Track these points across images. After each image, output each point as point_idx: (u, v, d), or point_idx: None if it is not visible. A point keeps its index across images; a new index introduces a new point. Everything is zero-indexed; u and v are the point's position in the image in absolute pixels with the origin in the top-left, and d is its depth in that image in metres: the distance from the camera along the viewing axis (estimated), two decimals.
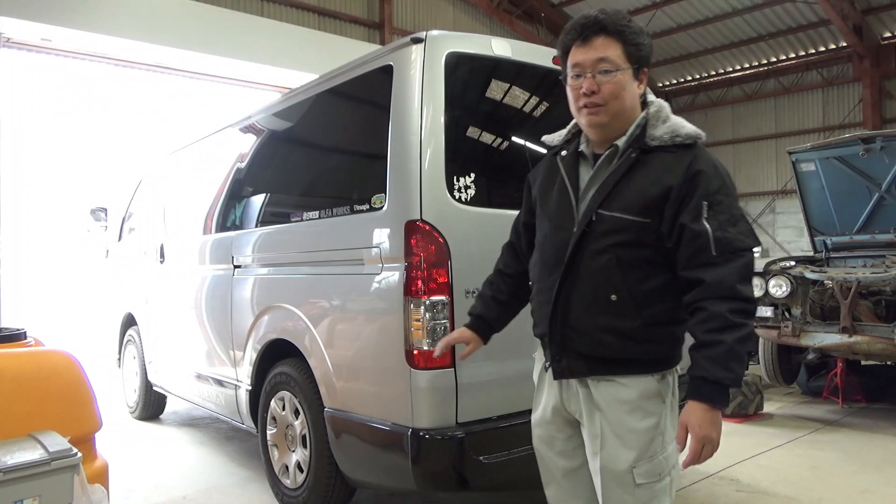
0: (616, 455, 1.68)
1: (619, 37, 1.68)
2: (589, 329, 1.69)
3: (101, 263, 6.57)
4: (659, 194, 1.63)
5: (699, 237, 1.59)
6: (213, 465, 4.20)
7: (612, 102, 1.68)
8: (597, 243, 1.67)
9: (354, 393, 2.84)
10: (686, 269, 1.63)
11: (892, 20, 14.47)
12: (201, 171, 4.60)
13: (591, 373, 1.71)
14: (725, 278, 1.57)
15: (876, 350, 4.97)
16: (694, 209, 1.60)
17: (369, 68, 2.94)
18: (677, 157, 1.66)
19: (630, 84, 1.70)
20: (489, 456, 2.52)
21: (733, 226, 1.61)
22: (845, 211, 6.28)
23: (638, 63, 1.70)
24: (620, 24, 1.68)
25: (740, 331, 1.55)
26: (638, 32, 1.70)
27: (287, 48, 10.65)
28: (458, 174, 2.64)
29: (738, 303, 1.56)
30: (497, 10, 15.51)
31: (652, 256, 1.66)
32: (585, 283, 1.69)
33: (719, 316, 1.55)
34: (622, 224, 1.65)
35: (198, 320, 4.24)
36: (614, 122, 1.70)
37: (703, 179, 1.62)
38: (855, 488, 3.67)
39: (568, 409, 1.80)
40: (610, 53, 1.67)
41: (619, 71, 1.67)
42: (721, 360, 1.54)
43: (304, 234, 3.24)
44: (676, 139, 1.68)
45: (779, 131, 16.69)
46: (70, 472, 1.96)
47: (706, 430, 1.56)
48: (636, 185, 1.66)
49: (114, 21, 9.02)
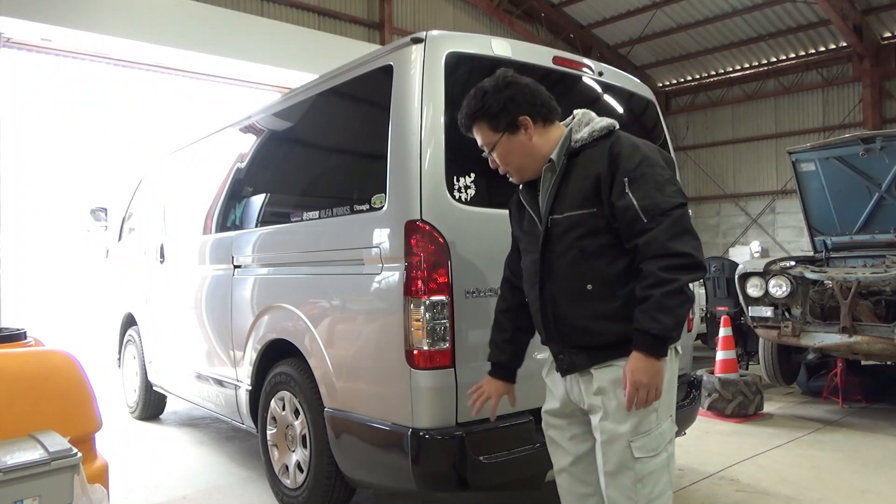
0: (615, 430, 1.84)
1: (481, 119, 1.96)
2: (578, 320, 1.88)
3: (101, 263, 6.57)
4: (592, 184, 1.84)
5: (628, 210, 1.77)
6: (213, 465, 4.20)
7: (513, 164, 1.99)
8: (559, 244, 1.89)
9: (354, 393, 2.84)
10: (629, 242, 1.80)
11: (892, 20, 14.46)
12: (201, 171, 4.60)
13: (592, 362, 1.88)
14: (656, 237, 1.73)
15: (876, 350, 4.97)
16: (618, 186, 1.80)
17: (369, 68, 2.94)
18: (599, 148, 1.88)
19: (513, 143, 1.95)
20: (489, 456, 2.52)
21: (659, 191, 1.77)
22: (845, 211, 6.28)
23: (506, 129, 1.94)
24: (474, 110, 1.96)
25: (670, 285, 1.69)
26: (489, 104, 1.93)
27: (287, 48, 10.65)
28: (459, 174, 2.64)
29: (670, 259, 1.71)
30: (497, 10, 15.49)
31: (611, 241, 1.84)
32: (561, 280, 1.90)
33: (651, 273, 1.72)
34: (572, 221, 1.86)
35: (198, 320, 4.24)
36: (528, 167, 1.98)
37: (620, 160, 1.81)
38: (855, 488, 3.67)
39: (573, 399, 1.99)
40: (484, 136, 1.99)
41: (497, 144, 1.97)
42: (650, 312, 1.71)
43: (304, 234, 3.24)
44: (594, 134, 1.90)
45: (779, 131, 16.67)
46: (70, 472, 1.96)
47: (637, 374, 1.74)
48: (573, 184, 1.89)
49: (114, 21, 9.02)
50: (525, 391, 2.37)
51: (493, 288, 2.67)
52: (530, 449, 2.59)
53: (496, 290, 2.67)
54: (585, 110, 2.00)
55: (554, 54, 3.01)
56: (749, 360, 7.06)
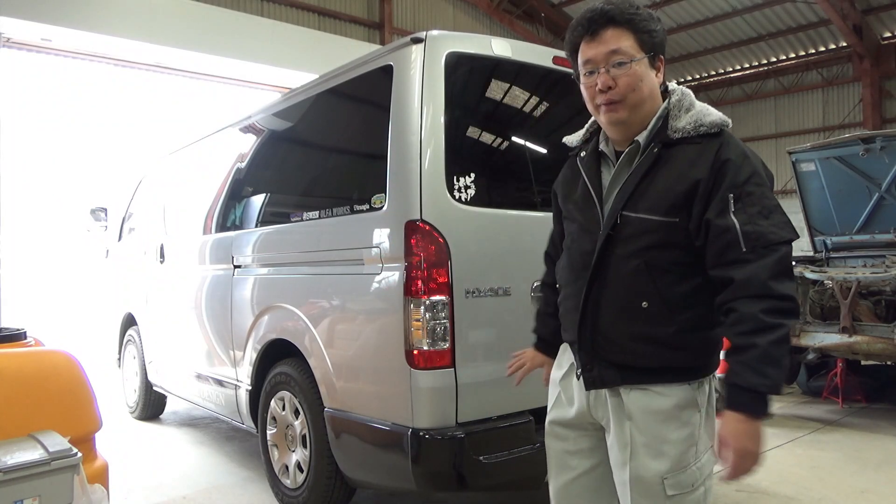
0: (647, 466, 1.57)
1: (629, 26, 1.57)
2: (620, 337, 1.60)
3: (101, 263, 6.57)
4: (685, 191, 1.52)
5: (726, 232, 1.47)
6: (213, 465, 4.20)
7: (631, 95, 1.57)
8: (624, 247, 1.58)
9: (354, 393, 2.84)
10: (715, 268, 1.51)
11: (892, 20, 14.47)
12: (201, 171, 4.60)
13: (623, 382, 1.61)
14: (757, 275, 1.44)
15: (876, 350, 4.97)
16: (720, 202, 1.49)
17: (369, 68, 2.94)
18: (702, 148, 1.55)
19: (647, 74, 1.59)
20: (489, 456, 2.52)
21: (765, 218, 1.48)
22: (845, 211, 6.28)
23: (653, 51, 1.59)
24: (629, 13, 1.58)
25: (775, 332, 1.42)
26: (649, 19, 1.60)
27: (287, 48, 10.66)
28: (458, 174, 2.64)
29: (773, 301, 1.43)
30: (497, 10, 15.50)
31: (683, 258, 1.56)
32: (614, 289, 1.60)
33: (751, 317, 1.43)
34: (649, 226, 1.55)
35: (198, 320, 4.24)
36: (634, 116, 1.60)
37: (730, 169, 1.50)
38: (855, 488, 3.67)
39: (594, 415, 1.70)
40: (622, 44, 1.56)
41: (634, 61, 1.57)
42: (755, 364, 1.42)
43: (304, 234, 3.24)
44: (701, 129, 1.56)
45: (779, 131, 16.68)
46: (70, 472, 1.96)
47: (742, 441, 1.43)
48: (660, 182, 1.56)
49: (114, 21, 9.03)
50: (525, 391, 2.37)
51: (494, 288, 2.67)
52: (530, 449, 2.58)
53: (496, 290, 2.68)
54: (685, 89, 1.67)
55: (554, 54, 3.01)
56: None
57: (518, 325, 2.77)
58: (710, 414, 1.65)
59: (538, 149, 3.00)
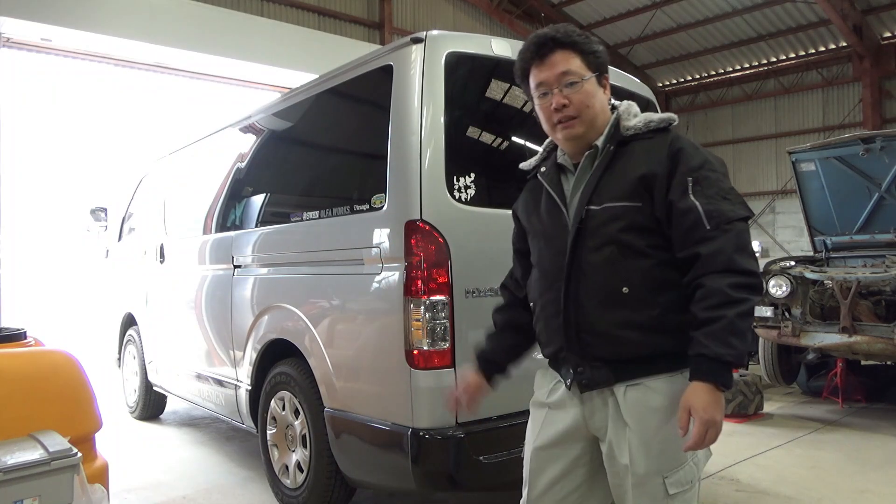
0: (648, 466, 1.58)
1: (574, 48, 1.69)
2: (606, 328, 1.61)
3: (101, 263, 6.57)
4: (642, 175, 1.61)
5: (689, 213, 1.55)
6: (213, 465, 4.20)
7: (585, 112, 1.68)
8: (593, 239, 1.63)
9: (354, 393, 2.84)
10: (682, 249, 1.57)
11: (892, 20, 14.46)
12: (201, 171, 4.60)
13: (617, 379, 1.61)
14: (722, 250, 1.51)
15: (876, 350, 4.97)
16: (679, 185, 1.58)
17: (369, 68, 2.94)
18: (654, 141, 1.66)
19: (597, 91, 1.71)
20: (489, 456, 2.53)
21: (724, 199, 1.57)
22: (845, 211, 6.28)
23: (598, 70, 1.71)
24: (573, 37, 1.70)
25: (741, 305, 1.48)
26: (591, 42, 1.72)
27: (287, 48, 10.65)
28: (458, 174, 2.64)
29: (738, 276, 1.50)
30: (497, 10, 15.51)
31: (655, 241, 1.61)
32: (592, 280, 1.62)
33: (718, 291, 1.49)
34: (613, 212, 1.61)
35: (198, 320, 4.24)
36: (590, 130, 1.70)
37: (683, 157, 1.61)
38: (855, 488, 3.67)
39: (591, 426, 1.68)
40: (571, 66, 1.68)
41: (585, 80, 1.68)
42: (721, 335, 1.47)
43: (304, 233, 3.24)
44: (651, 124, 1.68)
45: (779, 131, 16.67)
46: (70, 472, 1.96)
47: (710, 412, 1.46)
48: (619, 174, 1.64)
49: (114, 21, 9.02)
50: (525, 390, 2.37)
51: (493, 288, 2.66)
52: None
53: (496, 290, 2.67)
54: (630, 101, 1.78)
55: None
56: (749, 359, 7.06)
57: None
58: None
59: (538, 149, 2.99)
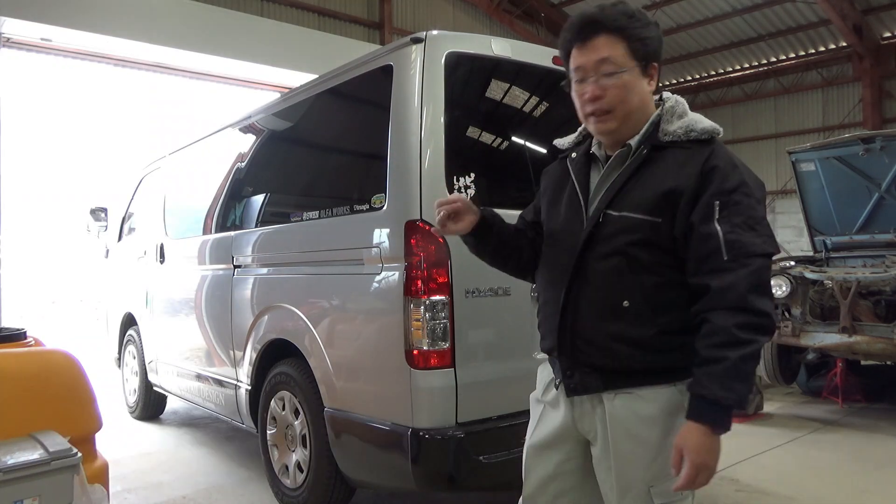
0: (633, 474, 1.54)
1: (621, 34, 1.53)
2: (599, 338, 1.55)
3: (101, 263, 6.57)
4: (669, 191, 1.49)
5: (709, 239, 1.44)
6: (213, 465, 4.20)
7: (620, 107, 1.54)
8: (604, 246, 1.54)
9: (354, 393, 2.84)
10: (695, 276, 1.47)
11: (892, 20, 14.46)
12: (201, 171, 4.60)
13: (606, 387, 1.56)
14: (735, 286, 1.41)
15: (876, 350, 4.96)
16: (705, 208, 1.46)
17: (369, 68, 2.94)
18: (692, 153, 1.52)
19: (638, 83, 1.56)
20: (489, 456, 2.52)
21: (751, 229, 1.44)
22: (845, 211, 6.28)
23: (645, 59, 1.55)
24: (621, 20, 1.53)
25: (746, 347, 1.39)
26: (643, 25, 1.55)
27: (287, 48, 10.65)
28: (458, 174, 2.64)
29: (747, 316, 1.40)
30: (497, 10, 15.51)
31: (665, 260, 1.51)
32: (594, 288, 1.55)
33: (724, 330, 1.40)
34: (630, 223, 1.51)
35: (198, 320, 4.24)
36: (624, 126, 1.57)
37: (717, 176, 1.47)
38: (855, 488, 3.67)
39: (580, 428, 1.64)
40: (612, 53, 1.52)
41: (624, 71, 1.53)
42: (722, 377, 1.39)
43: (304, 233, 3.24)
44: (692, 134, 1.54)
45: (779, 131, 16.68)
46: (70, 472, 1.96)
47: (703, 456, 1.40)
48: (646, 182, 1.53)
49: (114, 21, 9.02)
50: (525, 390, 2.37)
51: (493, 288, 2.67)
52: None
53: (496, 290, 2.68)
54: (678, 97, 1.63)
55: (554, 54, 3.00)
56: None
57: (518, 325, 2.78)
58: None
59: (538, 149, 3.00)
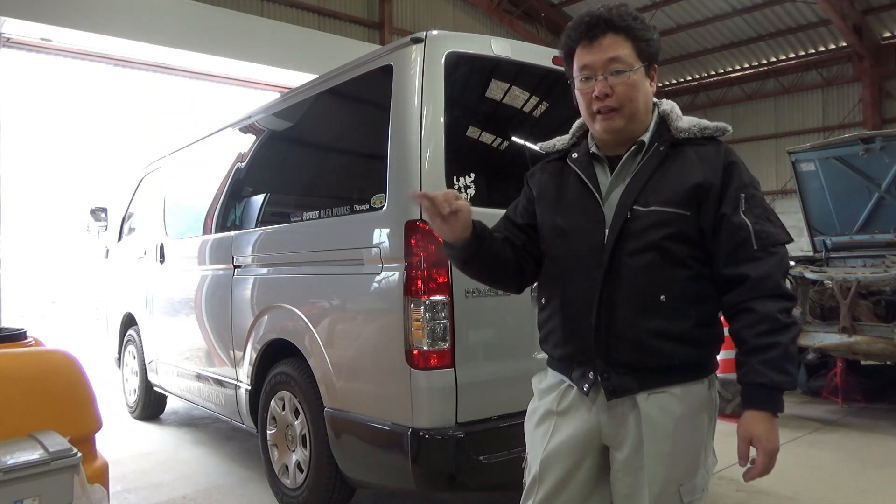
0: (665, 475, 1.53)
1: (627, 34, 1.57)
2: (637, 336, 1.53)
3: (101, 263, 6.57)
4: (699, 184, 1.53)
5: (740, 230, 1.51)
6: (213, 465, 4.20)
7: (628, 105, 1.57)
8: (636, 242, 1.53)
9: (354, 393, 2.84)
10: (728, 266, 1.53)
11: (892, 20, 14.47)
12: (201, 171, 4.60)
13: (641, 387, 1.54)
14: (771, 274, 1.49)
15: (876, 350, 4.96)
16: (733, 200, 1.53)
17: (369, 68, 2.94)
18: (707, 149, 1.58)
19: (643, 83, 1.60)
20: (489, 456, 2.52)
21: (769, 220, 1.54)
22: (845, 211, 6.28)
23: (649, 60, 1.60)
24: (629, 21, 1.57)
25: (791, 331, 1.48)
26: (646, 27, 1.61)
27: (287, 48, 10.66)
28: (459, 174, 2.64)
29: (785, 301, 1.50)
30: (497, 10, 15.52)
31: (695, 253, 1.55)
32: (629, 285, 1.53)
33: (770, 317, 1.47)
34: (663, 218, 1.53)
35: (198, 320, 4.24)
36: (630, 125, 1.60)
37: (736, 171, 1.55)
38: (855, 488, 3.67)
39: (603, 434, 1.60)
40: (621, 52, 1.56)
41: (632, 70, 1.56)
42: (778, 362, 1.45)
43: (304, 233, 3.24)
44: (705, 131, 1.60)
45: (779, 131, 16.70)
46: (70, 472, 1.96)
47: (773, 441, 1.47)
48: (672, 177, 1.56)
49: (114, 21, 9.03)
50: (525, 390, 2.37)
51: None
52: None
53: (496, 290, 2.68)
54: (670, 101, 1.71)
55: (554, 54, 3.00)
56: None
57: (518, 324, 2.78)
58: (715, 415, 1.66)
59: (538, 149, 2.99)
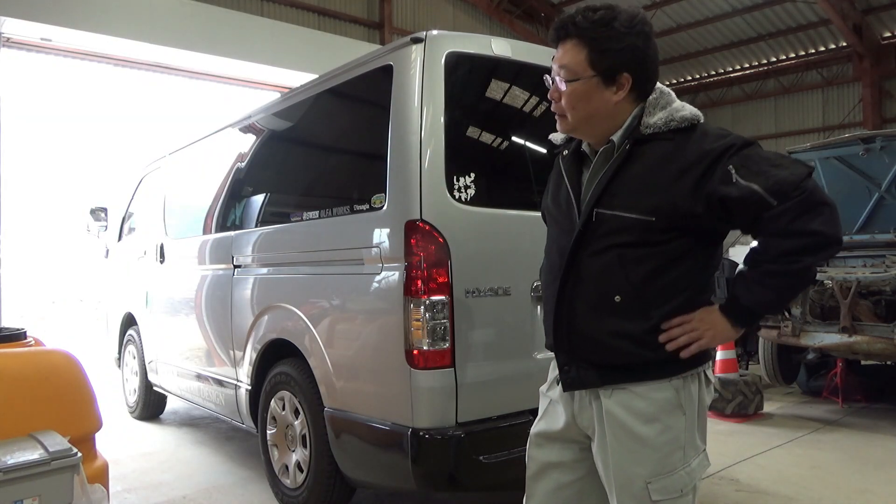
0: (629, 471, 1.54)
1: (586, 42, 1.53)
2: (596, 334, 1.55)
3: (101, 263, 6.57)
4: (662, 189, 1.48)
5: (748, 199, 1.43)
6: (213, 464, 4.20)
7: (571, 113, 1.57)
8: (597, 244, 1.54)
9: (354, 393, 2.84)
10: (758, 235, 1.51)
11: (892, 20, 14.47)
12: (201, 171, 4.60)
13: (603, 382, 1.56)
14: (780, 215, 1.43)
15: (876, 350, 4.97)
16: (723, 177, 1.44)
17: (369, 68, 2.94)
18: (676, 144, 1.51)
19: (594, 93, 1.54)
20: (489, 456, 2.52)
21: (776, 166, 1.45)
22: (845, 211, 6.25)
23: (609, 71, 1.53)
24: (589, 28, 1.52)
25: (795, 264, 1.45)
26: (613, 36, 1.52)
27: (287, 48, 10.66)
28: (458, 174, 2.64)
29: (797, 239, 1.44)
30: (497, 10, 15.51)
31: (658, 254, 1.51)
32: (587, 285, 1.56)
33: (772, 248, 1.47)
34: (624, 223, 1.51)
35: (198, 320, 4.24)
36: (586, 128, 1.59)
37: (713, 151, 1.47)
38: (855, 488, 3.67)
39: (579, 424, 1.64)
40: (570, 61, 1.54)
41: (579, 80, 1.53)
42: (748, 283, 1.50)
43: (304, 233, 3.24)
44: (671, 123, 1.52)
45: (779, 131, 16.68)
46: (70, 472, 1.96)
47: (704, 322, 1.51)
48: (633, 179, 1.52)
49: (114, 21, 9.02)
50: (525, 390, 2.37)
51: (493, 287, 2.67)
52: None
53: (496, 290, 2.68)
54: (665, 88, 1.62)
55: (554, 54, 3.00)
56: (749, 359, 7.06)
57: (518, 325, 2.78)
58: (700, 415, 1.60)
59: (538, 148, 3.00)
